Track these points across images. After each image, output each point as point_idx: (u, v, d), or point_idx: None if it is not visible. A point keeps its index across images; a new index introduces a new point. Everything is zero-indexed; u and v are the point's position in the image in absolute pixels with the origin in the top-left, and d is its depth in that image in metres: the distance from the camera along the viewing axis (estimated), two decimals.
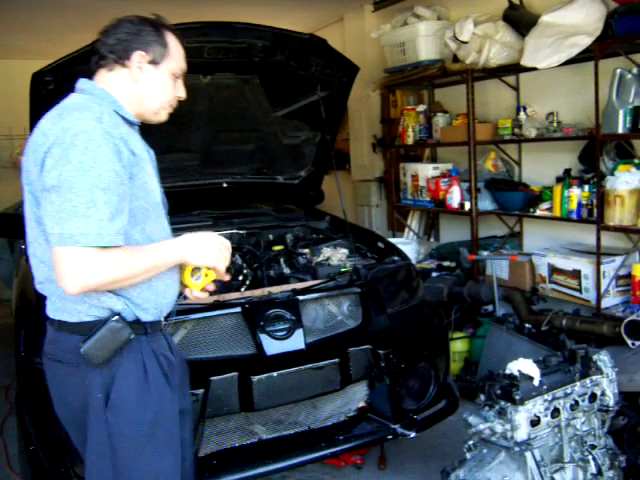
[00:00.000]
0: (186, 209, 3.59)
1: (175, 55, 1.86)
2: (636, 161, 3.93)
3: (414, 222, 6.02)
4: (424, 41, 5.16)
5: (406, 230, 5.98)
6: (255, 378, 2.50)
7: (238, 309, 2.65)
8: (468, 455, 2.60)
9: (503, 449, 2.48)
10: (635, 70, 3.75)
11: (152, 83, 1.83)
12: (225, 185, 3.81)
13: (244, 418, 2.58)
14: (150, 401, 1.79)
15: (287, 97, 3.63)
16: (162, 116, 1.92)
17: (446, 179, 5.17)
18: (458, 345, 4.37)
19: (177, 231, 2.00)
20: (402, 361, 2.77)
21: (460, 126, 5.07)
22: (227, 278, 1.92)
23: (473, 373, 4.17)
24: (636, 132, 3.73)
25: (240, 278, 3.20)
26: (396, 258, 3.25)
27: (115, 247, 1.65)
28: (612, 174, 3.87)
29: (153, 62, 1.82)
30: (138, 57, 1.80)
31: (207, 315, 2.61)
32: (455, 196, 5.01)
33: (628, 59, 3.85)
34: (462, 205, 4.96)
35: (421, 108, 5.60)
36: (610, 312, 3.91)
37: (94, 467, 1.80)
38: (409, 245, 5.17)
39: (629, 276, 3.92)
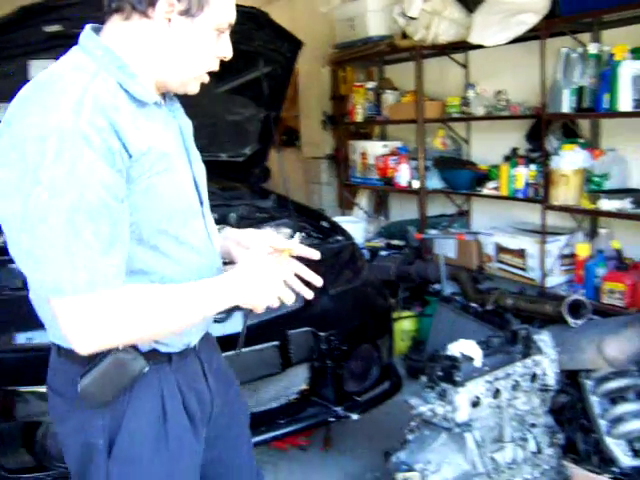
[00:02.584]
0: None
1: (219, 1, 1.30)
2: (581, 141, 3.95)
3: (363, 200, 5.99)
4: (373, 16, 5.09)
5: (355, 208, 5.95)
6: None
7: None
8: (410, 437, 2.59)
9: (444, 430, 2.47)
10: (580, 50, 3.75)
11: (183, 41, 1.29)
12: None
13: None
14: (165, 452, 1.39)
15: (229, 72, 3.53)
16: (192, 87, 1.38)
17: (395, 157, 5.15)
18: (406, 324, 4.37)
19: None
20: (344, 343, 2.74)
21: (409, 103, 5.03)
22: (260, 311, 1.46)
23: (421, 352, 4.18)
24: (580, 112, 3.75)
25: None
26: (340, 238, 3.21)
27: (133, 289, 1.25)
28: (557, 153, 3.88)
29: (187, 12, 1.27)
30: (165, 5, 1.25)
31: None
32: (403, 174, 4.98)
33: (574, 39, 3.86)
34: (410, 183, 4.94)
35: (370, 85, 5.55)
36: (554, 291, 3.95)
37: None
38: (358, 224, 5.15)
39: (573, 255, 3.96)
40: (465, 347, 2.51)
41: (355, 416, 2.79)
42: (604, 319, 3.24)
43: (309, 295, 1.49)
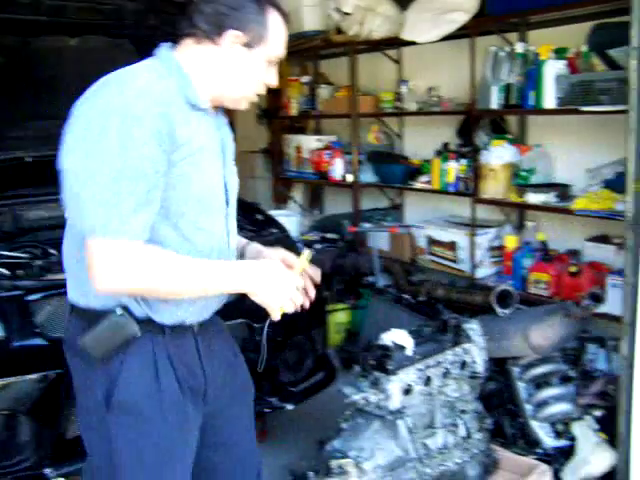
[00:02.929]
0: (57, 180, 3.40)
1: (274, 39, 1.58)
2: (509, 137, 4.08)
3: (298, 194, 6.02)
4: (308, 11, 5.10)
5: (290, 202, 5.97)
6: None
7: None
8: (344, 425, 2.63)
9: (377, 418, 2.53)
10: (508, 49, 3.87)
11: (241, 68, 1.58)
12: None
13: None
14: (158, 409, 1.57)
15: None
16: (243, 104, 1.66)
17: (329, 151, 5.19)
18: (340, 316, 4.42)
19: (44, 202, 1.84)
20: (278, 334, 2.76)
21: (343, 98, 5.08)
22: (276, 318, 1.63)
23: (355, 343, 4.24)
24: (508, 108, 3.87)
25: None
26: (274, 230, 3.22)
27: (154, 248, 1.47)
28: (487, 149, 3.99)
29: (248, 44, 1.55)
30: (232, 37, 1.54)
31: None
32: (337, 168, 5.03)
33: (502, 38, 3.97)
34: (344, 177, 5.00)
35: (305, 79, 5.57)
36: (484, 282, 4.07)
37: (98, 471, 1.66)
38: (293, 217, 5.16)
39: (501, 247, 4.08)
40: (397, 336, 2.57)
41: (290, 406, 2.82)
42: (530, 308, 3.36)
43: (307, 305, 1.67)
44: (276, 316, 1.61)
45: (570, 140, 3.87)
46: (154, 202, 1.46)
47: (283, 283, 1.57)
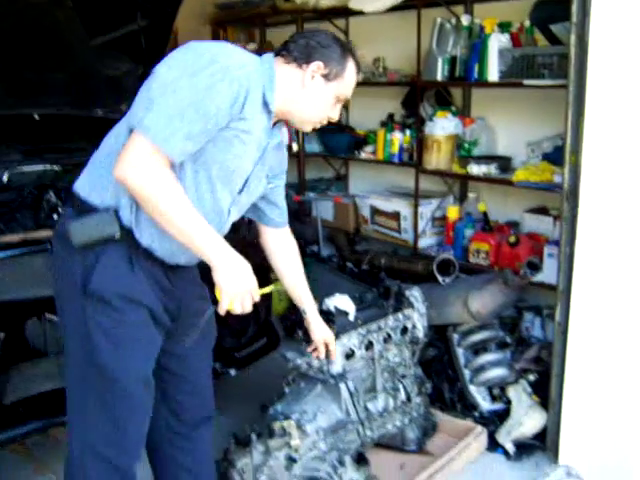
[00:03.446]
0: None
1: (347, 80, 1.88)
2: (453, 109, 4.13)
3: None
4: None
5: None
6: None
7: (45, 246, 2.50)
8: (287, 389, 2.67)
9: (319, 382, 2.57)
10: (454, 21, 3.89)
11: (315, 94, 1.84)
12: (37, 117, 3.53)
13: (53, 363, 2.46)
14: (129, 306, 1.76)
15: (105, 25, 3.40)
16: (306, 128, 1.95)
17: None
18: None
19: None
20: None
21: None
22: (222, 313, 1.79)
23: (298, 312, 4.25)
24: (452, 80, 3.91)
25: (55, 217, 3.02)
26: None
27: (173, 174, 1.66)
28: (431, 120, 4.03)
29: (326, 77, 1.83)
30: (316, 67, 1.81)
31: (13, 253, 2.43)
32: (283, 137, 5.00)
33: (448, 10, 4.00)
34: (290, 147, 4.98)
35: (251, 47, 5.50)
36: (426, 252, 4.14)
37: (72, 354, 1.83)
38: None
39: (444, 218, 4.15)
40: (339, 301, 2.61)
41: (233, 372, 2.83)
42: (470, 277, 3.44)
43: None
44: (222, 309, 1.75)
45: (512, 114, 3.94)
46: (198, 142, 1.66)
47: (245, 284, 1.73)
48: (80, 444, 1.83)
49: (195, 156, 1.71)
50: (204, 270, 1.83)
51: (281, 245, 2.26)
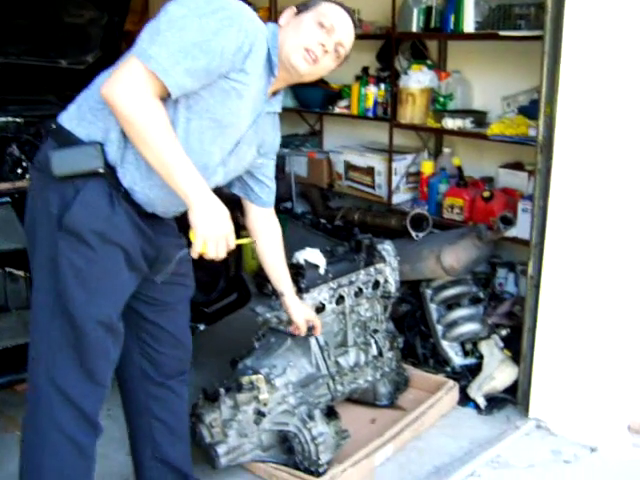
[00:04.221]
0: None
1: (324, 7, 1.88)
2: (428, 62, 4.05)
3: None
4: None
5: None
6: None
7: (7, 199, 2.42)
8: (257, 344, 2.63)
9: (289, 336, 2.53)
10: None
11: (295, 25, 1.85)
12: None
13: (15, 318, 2.40)
14: (103, 244, 1.71)
15: None
16: (300, 64, 1.81)
17: None
18: None
19: None
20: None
21: (263, 19, 4.90)
22: (194, 256, 1.73)
23: None
24: (428, 32, 3.82)
25: (19, 171, 2.92)
26: None
27: (164, 110, 1.62)
28: (406, 73, 3.96)
29: (299, 11, 1.88)
30: (289, 9, 1.89)
31: None
32: (279, 109, 4.90)
33: None
34: None
35: None
36: (400, 207, 4.09)
37: (39, 288, 1.78)
38: None
39: (418, 173, 4.10)
40: (310, 255, 2.56)
41: (202, 327, 2.78)
42: (443, 232, 3.41)
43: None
44: (195, 251, 1.69)
45: (489, 67, 3.87)
46: (197, 81, 1.63)
47: (220, 228, 1.68)
48: (47, 381, 1.77)
49: (189, 103, 1.68)
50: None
51: (265, 225, 2.23)
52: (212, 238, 1.67)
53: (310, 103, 4.70)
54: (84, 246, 1.69)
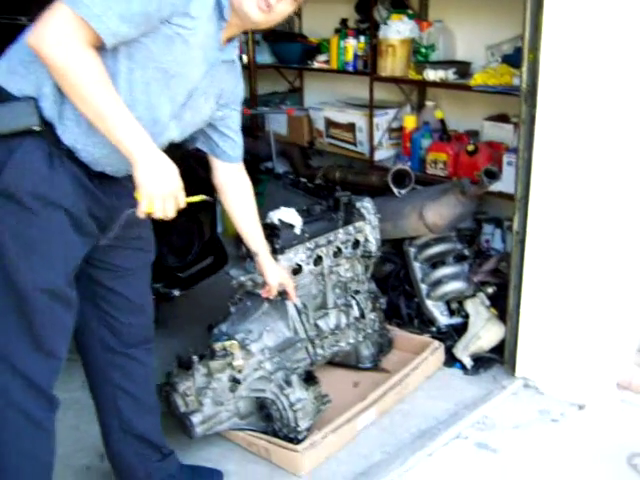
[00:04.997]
0: None
1: None
2: (409, 12, 3.89)
3: None
4: None
5: None
6: None
7: None
8: (232, 309, 2.54)
9: (265, 300, 2.43)
10: None
11: None
12: None
13: None
14: (43, 207, 1.57)
15: None
16: (254, 14, 1.66)
17: None
18: None
19: None
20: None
21: None
22: (140, 215, 1.59)
23: None
24: None
25: None
26: None
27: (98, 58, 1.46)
28: (385, 24, 3.79)
29: None
30: None
31: None
32: (235, 57, 4.73)
33: None
34: (241, 58, 4.70)
35: None
36: (383, 164, 3.97)
37: None
38: None
39: (401, 129, 3.97)
40: (284, 214, 2.45)
41: (177, 292, 2.68)
42: (426, 187, 3.29)
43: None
44: (140, 210, 1.56)
45: (472, 16, 3.71)
46: (134, 27, 1.48)
47: (167, 185, 1.55)
48: None
49: (131, 52, 1.53)
50: None
51: (234, 182, 2.11)
52: (159, 196, 1.55)
53: (288, 59, 4.54)
54: (23, 210, 1.57)
